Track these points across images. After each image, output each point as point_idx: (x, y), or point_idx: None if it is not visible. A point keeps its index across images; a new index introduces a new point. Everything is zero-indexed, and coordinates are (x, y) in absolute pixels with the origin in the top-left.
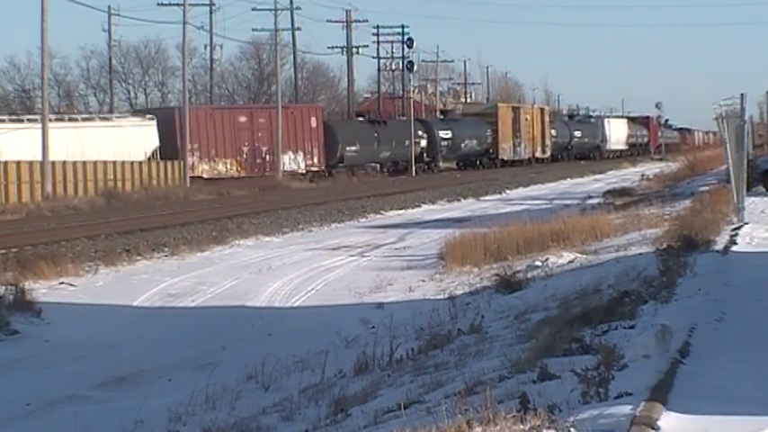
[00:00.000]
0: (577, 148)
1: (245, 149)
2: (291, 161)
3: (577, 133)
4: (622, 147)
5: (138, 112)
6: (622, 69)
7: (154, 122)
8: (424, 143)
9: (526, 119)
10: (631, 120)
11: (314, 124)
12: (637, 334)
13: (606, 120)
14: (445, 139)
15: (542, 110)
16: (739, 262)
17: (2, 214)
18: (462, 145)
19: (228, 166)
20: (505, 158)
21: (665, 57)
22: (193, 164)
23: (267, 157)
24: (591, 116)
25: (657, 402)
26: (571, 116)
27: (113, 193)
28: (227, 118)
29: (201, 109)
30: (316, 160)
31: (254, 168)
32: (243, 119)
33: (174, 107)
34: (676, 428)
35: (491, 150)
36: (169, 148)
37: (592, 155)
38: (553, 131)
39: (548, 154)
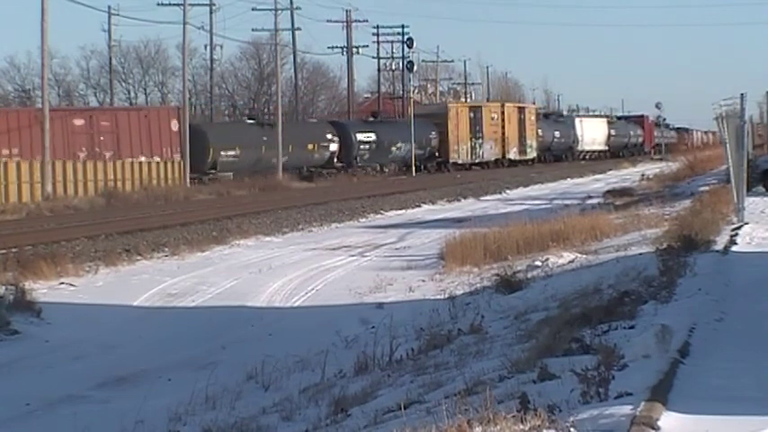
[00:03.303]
0: (555, 148)
1: (82, 155)
2: None
3: (556, 133)
4: (600, 147)
5: None
6: (622, 69)
7: None
8: (334, 147)
9: (492, 118)
10: (624, 119)
11: (174, 127)
12: (637, 334)
13: (578, 119)
14: (366, 142)
15: (521, 108)
16: (739, 262)
17: (2, 214)
18: (393, 148)
19: None
20: (459, 162)
21: (665, 57)
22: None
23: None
24: (562, 115)
25: (657, 402)
26: (546, 115)
27: (113, 193)
28: (58, 121)
29: (24, 111)
30: None
31: None
32: (79, 122)
33: None
34: (676, 428)
35: (437, 153)
36: None
37: (564, 156)
38: (540, 131)
39: (530, 155)
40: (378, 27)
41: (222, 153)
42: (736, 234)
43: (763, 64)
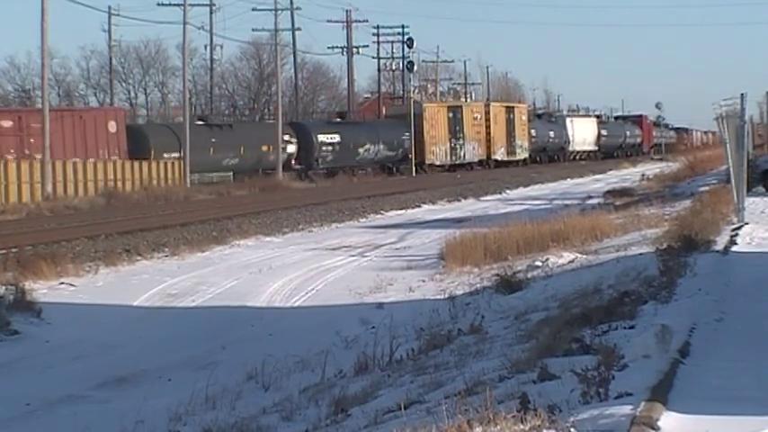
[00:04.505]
0: (550, 148)
1: (10, 157)
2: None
3: (551, 133)
4: (590, 147)
5: None
6: (622, 69)
7: None
8: (291, 148)
9: (475, 118)
10: (622, 119)
11: (113, 129)
12: (637, 334)
13: (569, 119)
14: (329, 143)
15: (509, 107)
16: (739, 262)
17: (2, 214)
18: (361, 150)
19: None
20: (437, 163)
21: (665, 57)
22: None
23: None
24: (552, 114)
25: (658, 402)
26: (540, 115)
27: (113, 193)
28: None
29: None
30: None
31: None
32: (7, 123)
33: None
34: (676, 428)
35: (411, 155)
36: None
37: (557, 156)
38: (533, 131)
39: (521, 156)
40: (378, 27)
41: (165, 155)
42: (737, 234)
43: (763, 64)
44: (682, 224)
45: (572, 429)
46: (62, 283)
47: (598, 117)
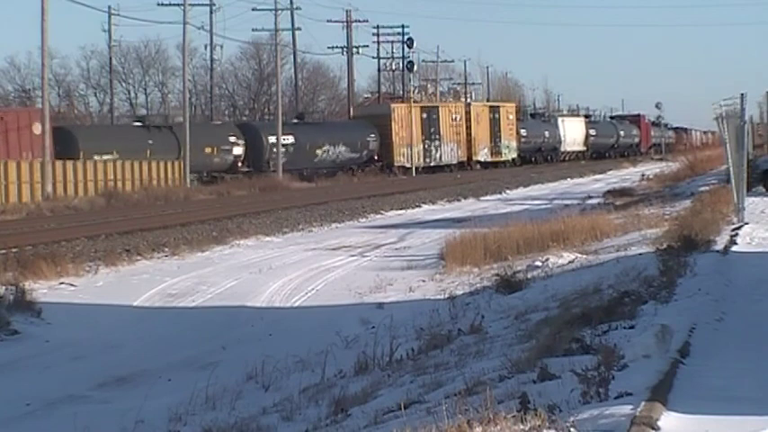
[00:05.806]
0: (545, 148)
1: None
2: None
3: (546, 133)
4: (579, 148)
5: None
6: (622, 69)
7: None
8: (238, 150)
9: (454, 118)
10: (619, 118)
11: (37, 130)
12: (637, 334)
13: (560, 119)
14: (282, 145)
15: (494, 107)
16: (739, 262)
17: (2, 214)
18: (318, 151)
19: None
20: (408, 165)
21: (664, 57)
22: None
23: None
24: (544, 114)
25: (658, 402)
26: (533, 115)
27: (113, 193)
28: None
29: None
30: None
31: None
32: None
33: None
34: (676, 428)
35: (377, 157)
36: None
37: (550, 156)
38: (523, 131)
39: (508, 156)
40: (378, 27)
41: (96, 157)
42: (736, 234)
43: (763, 64)
44: (682, 224)
45: (572, 429)
46: (62, 283)
47: (587, 117)
